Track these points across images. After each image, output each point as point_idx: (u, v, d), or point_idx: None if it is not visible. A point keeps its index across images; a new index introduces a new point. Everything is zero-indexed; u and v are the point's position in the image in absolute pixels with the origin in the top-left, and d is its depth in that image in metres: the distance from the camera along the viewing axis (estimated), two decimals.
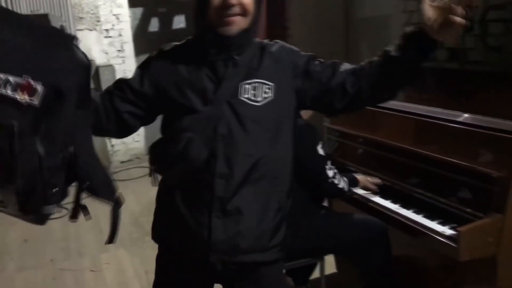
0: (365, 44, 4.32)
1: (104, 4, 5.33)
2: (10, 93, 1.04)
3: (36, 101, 1.07)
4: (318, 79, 1.42)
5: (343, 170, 2.29)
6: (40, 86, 1.07)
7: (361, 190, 2.23)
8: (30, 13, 4.77)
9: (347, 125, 2.58)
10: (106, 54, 5.43)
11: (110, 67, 5.27)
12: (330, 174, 2.04)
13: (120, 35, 5.46)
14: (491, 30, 2.48)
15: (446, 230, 1.82)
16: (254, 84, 1.36)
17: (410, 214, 2.02)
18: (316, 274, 2.48)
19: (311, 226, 2.06)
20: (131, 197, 4.25)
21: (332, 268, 2.72)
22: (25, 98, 1.05)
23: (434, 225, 1.89)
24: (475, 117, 2.03)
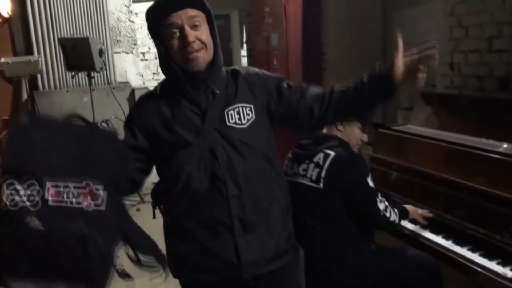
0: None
1: (141, 27, 5.43)
2: (74, 202, 1.09)
3: (102, 206, 1.14)
4: (288, 101, 1.53)
5: (390, 201, 2.22)
6: (101, 188, 1.14)
7: (410, 224, 2.16)
8: (71, 36, 4.90)
9: (393, 154, 2.52)
10: (142, 76, 5.51)
11: (145, 90, 5.31)
12: (382, 207, 1.97)
13: (156, 58, 5.53)
14: None
15: (508, 272, 1.73)
16: (237, 108, 1.46)
17: (465, 252, 1.93)
18: None
19: (362, 261, 1.99)
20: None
21: None
22: (90, 204, 1.12)
23: (493, 265, 1.81)
24: None
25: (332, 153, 1.99)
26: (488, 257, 1.86)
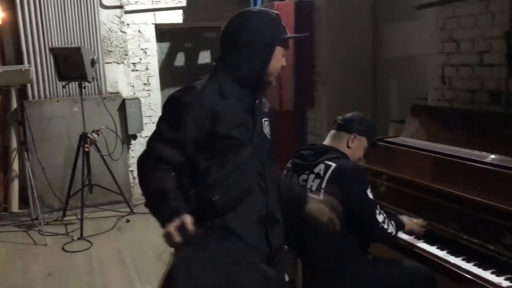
0: (392, 82, 4.32)
1: (132, 38, 5.43)
2: None
3: None
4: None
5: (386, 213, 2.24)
6: None
7: (405, 235, 2.17)
8: (63, 45, 4.88)
9: (386, 166, 2.54)
10: (133, 87, 5.49)
11: (136, 100, 5.32)
12: (380, 219, 1.99)
13: (147, 69, 5.53)
14: None
15: (503, 282, 1.76)
16: (267, 121, 1.74)
17: (460, 262, 1.95)
18: None
19: (359, 272, 2.00)
20: (154, 232, 4.19)
21: None
22: None
23: (488, 275, 1.83)
24: None
25: (333, 164, 2.01)
26: (482, 266, 1.87)
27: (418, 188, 2.27)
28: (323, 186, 1.99)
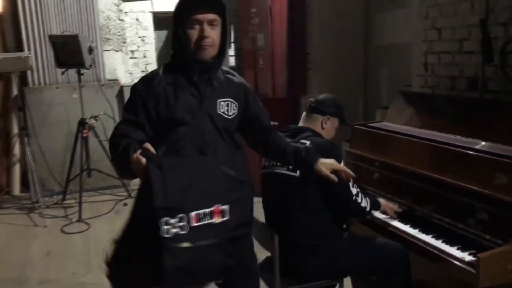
0: (383, 70, 4.40)
1: (130, 26, 5.52)
2: (209, 221, 1.51)
3: (226, 216, 1.54)
4: (254, 115, 1.90)
5: (364, 193, 2.34)
6: (226, 206, 1.54)
7: (380, 215, 2.28)
8: (61, 33, 4.97)
9: (367, 150, 2.64)
10: (131, 74, 5.59)
11: None
12: (354, 191, 2.09)
13: (144, 57, 5.63)
14: (510, 61, 2.54)
15: (466, 256, 1.85)
16: (227, 102, 1.79)
17: (429, 239, 2.05)
18: None
19: (334, 248, 2.11)
20: None
21: None
22: (219, 219, 1.53)
23: (453, 250, 1.93)
24: (494, 145, 2.07)
25: (307, 142, 2.12)
26: (450, 243, 1.97)
27: (396, 170, 2.37)
28: None
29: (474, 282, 1.75)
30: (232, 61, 5.88)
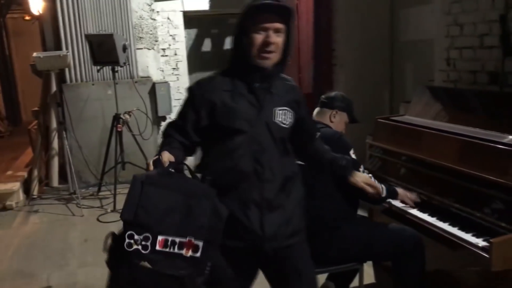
0: (408, 65, 4.45)
1: (162, 25, 5.72)
2: (177, 251, 1.44)
3: (198, 253, 1.46)
4: (302, 121, 1.87)
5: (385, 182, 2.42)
6: (200, 243, 1.46)
7: (399, 203, 2.37)
8: (97, 32, 5.21)
9: (389, 142, 2.73)
10: (162, 71, 5.79)
11: (165, 84, 5.63)
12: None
13: (175, 54, 5.82)
14: None
15: (480, 242, 1.94)
16: (284, 110, 1.75)
17: (446, 226, 2.13)
18: (355, 283, 2.61)
19: (352, 231, 2.21)
20: None
21: (371, 278, 2.85)
22: (189, 253, 1.45)
23: (469, 237, 2.01)
24: None
25: (317, 133, 2.24)
26: (465, 230, 2.05)
27: (417, 162, 2.45)
28: None
29: (487, 266, 1.84)
30: None
